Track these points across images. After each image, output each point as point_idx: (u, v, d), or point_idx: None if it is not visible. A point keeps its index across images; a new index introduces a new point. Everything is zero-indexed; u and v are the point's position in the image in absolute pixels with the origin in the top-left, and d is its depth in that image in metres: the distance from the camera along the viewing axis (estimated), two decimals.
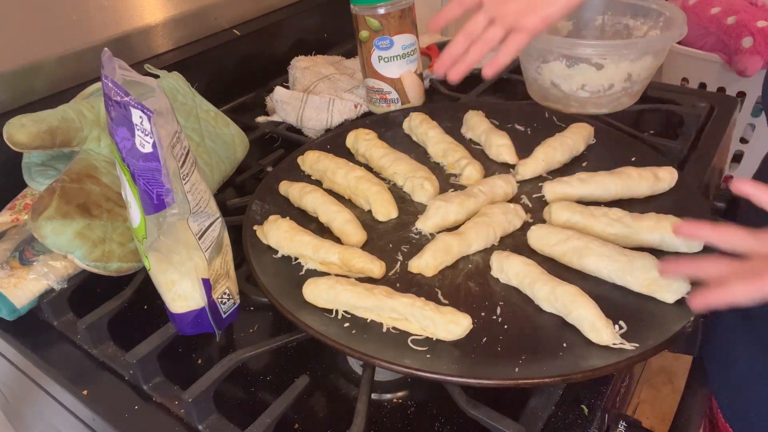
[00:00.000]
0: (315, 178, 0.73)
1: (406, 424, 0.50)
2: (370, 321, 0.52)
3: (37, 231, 0.55)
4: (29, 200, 0.65)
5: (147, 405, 0.51)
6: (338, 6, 0.99)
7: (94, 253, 0.57)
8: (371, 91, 0.87)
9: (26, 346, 0.58)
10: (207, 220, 0.51)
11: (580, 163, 0.72)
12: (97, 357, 0.56)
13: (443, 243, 0.58)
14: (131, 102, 0.43)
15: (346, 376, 0.55)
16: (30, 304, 0.59)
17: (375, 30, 0.82)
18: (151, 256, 0.50)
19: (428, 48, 1.03)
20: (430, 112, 0.81)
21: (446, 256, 0.58)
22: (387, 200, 0.66)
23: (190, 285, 0.51)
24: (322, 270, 0.59)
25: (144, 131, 0.44)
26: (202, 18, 0.92)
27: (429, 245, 0.59)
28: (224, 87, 0.94)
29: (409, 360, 0.47)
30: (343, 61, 1.05)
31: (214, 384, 0.49)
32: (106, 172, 0.61)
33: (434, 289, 0.56)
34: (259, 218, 0.65)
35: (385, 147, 0.74)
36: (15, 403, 0.74)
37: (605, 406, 0.50)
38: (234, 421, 0.49)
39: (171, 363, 0.55)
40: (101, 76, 0.45)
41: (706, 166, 0.76)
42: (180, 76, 0.75)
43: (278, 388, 0.50)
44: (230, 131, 0.76)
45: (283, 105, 0.88)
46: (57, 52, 0.76)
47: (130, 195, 0.47)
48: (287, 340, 0.52)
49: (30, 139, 0.58)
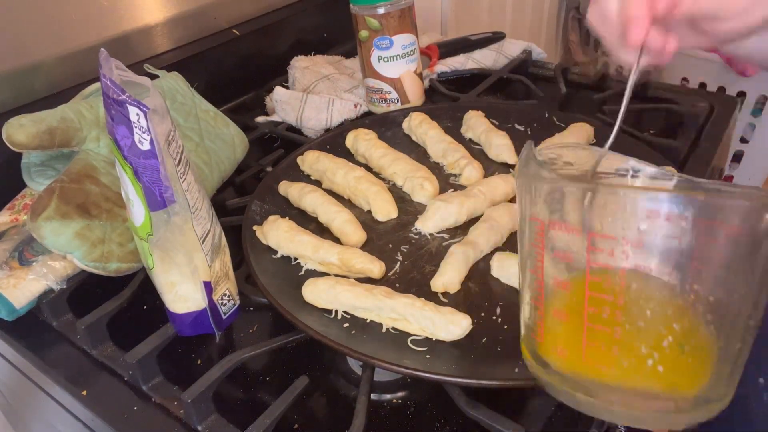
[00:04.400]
0: (314, 178, 0.72)
1: (406, 424, 0.50)
2: (370, 321, 0.52)
3: (36, 231, 0.55)
4: (28, 200, 0.65)
5: (146, 405, 0.51)
6: (338, 6, 0.99)
7: (94, 253, 0.57)
8: (371, 90, 0.87)
9: (25, 346, 0.58)
10: (207, 222, 0.51)
11: None
12: (96, 357, 0.56)
13: (462, 255, 0.57)
14: (128, 99, 0.43)
15: (346, 377, 0.55)
16: (29, 305, 0.59)
17: (375, 30, 0.81)
18: (156, 255, 0.50)
19: (428, 48, 1.03)
20: (430, 112, 0.81)
21: (466, 268, 0.57)
22: (387, 200, 0.66)
23: (192, 286, 0.51)
24: (322, 270, 0.59)
25: (141, 128, 0.44)
26: (201, 18, 0.92)
27: (447, 261, 0.57)
28: (224, 87, 0.94)
29: (409, 360, 0.47)
30: (342, 61, 1.05)
31: (214, 384, 0.49)
32: (105, 173, 0.61)
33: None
34: (259, 218, 0.65)
35: (385, 147, 0.74)
36: (15, 403, 0.74)
37: None
38: (234, 422, 0.49)
39: (170, 363, 0.54)
40: (100, 76, 0.45)
41: (706, 166, 0.76)
42: (179, 76, 0.75)
43: (278, 389, 0.50)
44: (230, 131, 0.76)
45: (283, 105, 0.88)
46: (57, 52, 0.76)
47: (133, 193, 0.47)
48: (287, 340, 0.52)
49: (29, 140, 0.58)
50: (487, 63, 1.02)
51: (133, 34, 0.84)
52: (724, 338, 0.30)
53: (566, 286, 0.32)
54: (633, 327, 0.30)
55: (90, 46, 0.79)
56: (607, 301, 0.31)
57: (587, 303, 0.31)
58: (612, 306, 0.31)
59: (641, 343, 0.30)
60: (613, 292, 0.30)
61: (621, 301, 0.30)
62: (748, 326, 0.30)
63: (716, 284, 0.30)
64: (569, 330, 0.33)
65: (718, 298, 0.30)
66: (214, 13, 0.94)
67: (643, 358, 0.30)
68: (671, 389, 0.31)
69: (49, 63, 0.75)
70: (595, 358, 0.32)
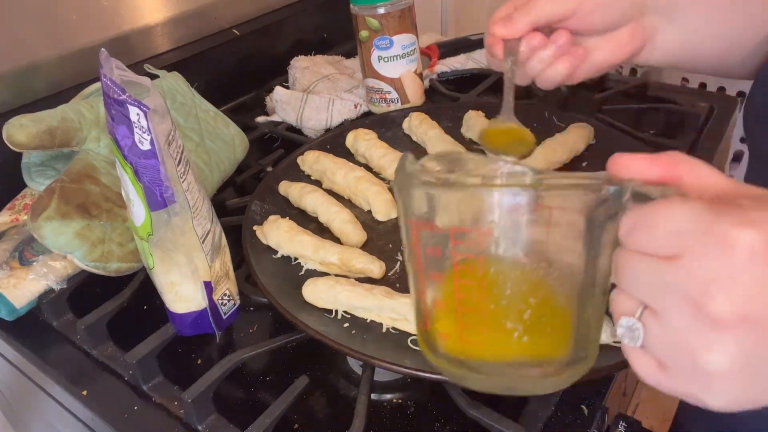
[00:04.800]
0: (315, 178, 0.72)
1: (406, 424, 0.50)
2: (370, 321, 0.52)
3: (37, 231, 0.55)
4: (29, 200, 0.65)
5: (146, 405, 0.51)
6: (338, 6, 0.99)
7: (94, 253, 0.57)
8: (371, 90, 0.87)
9: (26, 346, 0.58)
10: (207, 222, 0.51)
11: (580, 163, 0.71)
12: (96, 357, 0.56)
13: None
14: (128, 99, 0.43)
15: (346, 377, 0.55)
16: (29, 305, 0.59)
17: (375, 30, 0.81)
18: (156, 255, 0.50)
19: (428, 48, 1.03)
20: (430, 112, 0.81)
21: None
22: (387, 200, 0.66)
23: (192, 286, 0.51)
24: (322, 270, 0.59)
25: (141, 128, 0.44)
26: (201, 18, 0.92)
27: None
28: (224, 87, 0.94)
29: (409, 360, 0.47)
30: (342, 61, 1.05)
31: (214, 384, 0.49)
32: (105, 173, 0.61)
33: None
34: (259, 218, 0.65)
35: (385, 147, 0.74)
36: (15, 403, 0.74)
37: (605, 406, 0.49)
38: (234, 422, 0.49)
39: (170, 363, 0.54)
40: (100, 76, 0.45)
41: None
42: (179, 76, 0.75)
43: (278, 389, 0.50)
44: (230, 131, 0.76)
45: (283, 105, 0.88)
46: (57, 52, 0.76)
47: (133, 193, 0.47)
48: (287, 340, 0.52)
49: (29, 140, 0.58)
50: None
51: (133, 34, 0.84)
52: (575, 306, 0.34)
53: (440, 278, 0.36)
54: (497, 306, 0.34)
55: (90, 46, 0.79)
56: (473, 286, 0.35)
57: (458, 291, 0.35)
58: (477, 290, 0.35)
59: (506, 319, 0.34)
60: (477, 277, 0.35)
61: (484, 284, 0.34)
62: (595, 293, 0.33)
63: (559, 260, 0.34)
64: (447, 316, 0.37)
65: (562, 272, 0.34)
66: (214, 13, 0.94)
67: (509, 332, 0.34)
68: (538, 357, 0.35)
69: (49, 63, 0.75)
70: (471, 339, 0.36)
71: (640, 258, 0.28)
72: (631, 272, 0.29)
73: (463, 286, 0.35)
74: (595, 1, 0.51)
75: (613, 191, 0.30)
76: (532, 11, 0.51)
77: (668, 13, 0.54)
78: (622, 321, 0.30)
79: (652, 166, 0.30)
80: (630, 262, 0.29)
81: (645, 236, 0.28)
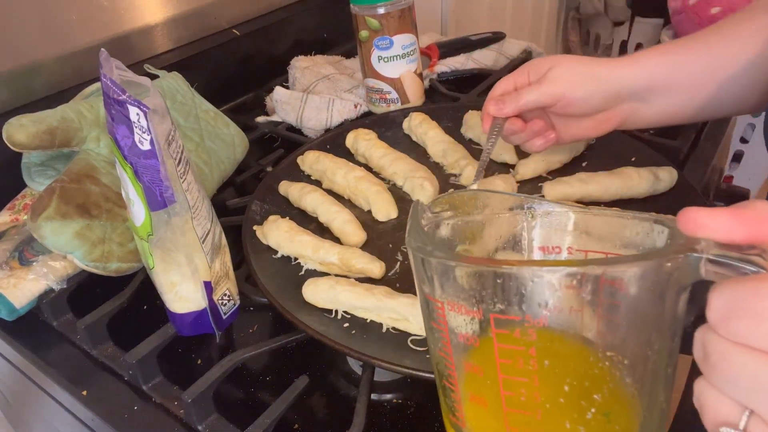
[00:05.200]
0: (315, 178, 0.72)
1: (406, 424, 0.50)
2: (370, 321, 0.52)
3: (37, 231, 0.55)
4: (29, 200, 0.65)
5: (146, 405, 0.51)
6: (338, 6, 0.99)
7: (94, 253, 0.57)
8: (371, 90, 0.87)
9: (26, 346, 0.58)
10: (207, 222, 0.51)
11: (580, 163, 0.71)
12: (96, 357, 0.56)
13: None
14: (128, 99, 0.43)
15: (346, 377, 0.55)
16: (29, 305, 0.59)
17: (375, 30, 0.81)
18: (156, 255, 0.50)
19: (428, 48, 1.03)
20: (430, 112, 0.81)
21: None
22: (387, 200, 0.66)
23: (192, 286, 0.51)
24: (322, 270, 0.59)
25: (141, 128, 0.44)
26: (201, 18, 0.92)
27: None
28: (224, 87, 0.94)
29: (409, 360, 0.47)
30: (342, 61, 1.05)
31: (214, 384, 0.49)
32: (105, 172, 0.61)
33: None
34: (259, 218, 0.65)
35: (385, 147, 0.74)
36: (15, 403, 0.74)
37: None
38: (234, 422, 0.49)
39: (170, 363, 0.54)
40: (100, 76, 0.45)
41: (706, 166, 0.76)
42: (179, 76, 0.75)
43: (278, 389, 0.50)
44: (230, 131, 0.76)
45: (283, 105, 0.88)
46: (57, 52, 0.76)
47: (133, 193, 0.47)
48: (287, 340, 0.52)
49: (29, 140, 0.58)
50: (487, 63, 1.02)
51: (133, 34, 0.84)
52: (647, 394, 0.29)
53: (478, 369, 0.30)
54: (553, 406, 0.29)
55: (90, 46, 0.79)
56: (523, 382, 0.29)
57: (502, 387, 0.29)
58: (528, 387, 0.29)
59: (565, 420, 0.29)
60: (527, 373, 0.29)
61: (536, 381, 0.29)
62: (668, 374, 0.29)
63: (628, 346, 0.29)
64: (490, 416, 0.31)
65: (633, 358, 0.29)
66: (215, 13, 0.94)
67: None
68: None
69: (49, 63, 0.75)
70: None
71: (741, 351, 0.23)
72: (729, 369, 0.23)
73: (510, 383, 0.29)
74: (571, 96, 0.58)
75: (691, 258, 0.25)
76: (521, 100, 0.59)
77: (644, 97, 0.59)
78: (722, 431, 0.24)
79: (740, 225, 0.25)
80: (728, 356, 0.23)
81: (750, 326, 0.23)
